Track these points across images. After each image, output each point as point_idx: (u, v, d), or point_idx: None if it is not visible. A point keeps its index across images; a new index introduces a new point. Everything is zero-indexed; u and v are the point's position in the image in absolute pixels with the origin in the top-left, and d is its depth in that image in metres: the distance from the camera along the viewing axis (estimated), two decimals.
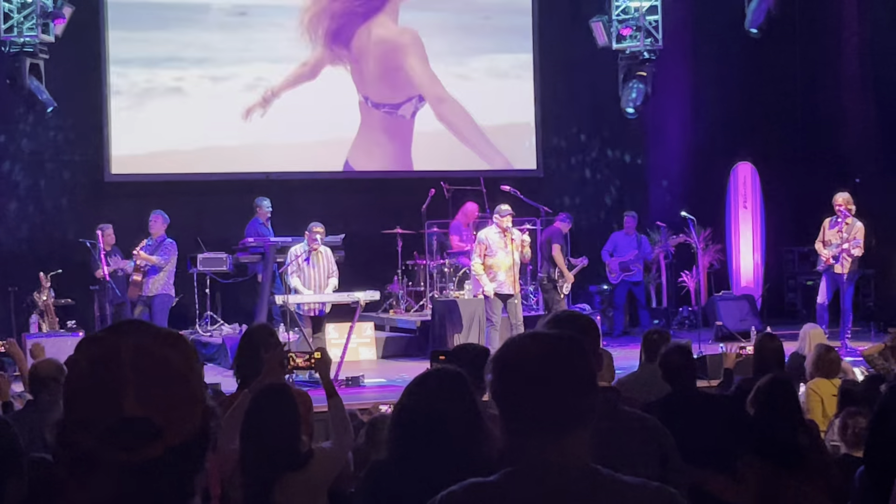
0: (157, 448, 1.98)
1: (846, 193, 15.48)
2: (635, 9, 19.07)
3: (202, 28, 18.89)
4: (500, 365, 2.72)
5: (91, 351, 2.06)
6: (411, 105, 19.75)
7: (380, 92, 19.62)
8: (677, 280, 19.41)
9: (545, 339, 2.77)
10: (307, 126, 19.19)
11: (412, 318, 17.15)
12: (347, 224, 17.05)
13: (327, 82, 19.34)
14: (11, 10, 16.63)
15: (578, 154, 20.68)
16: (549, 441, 2.62)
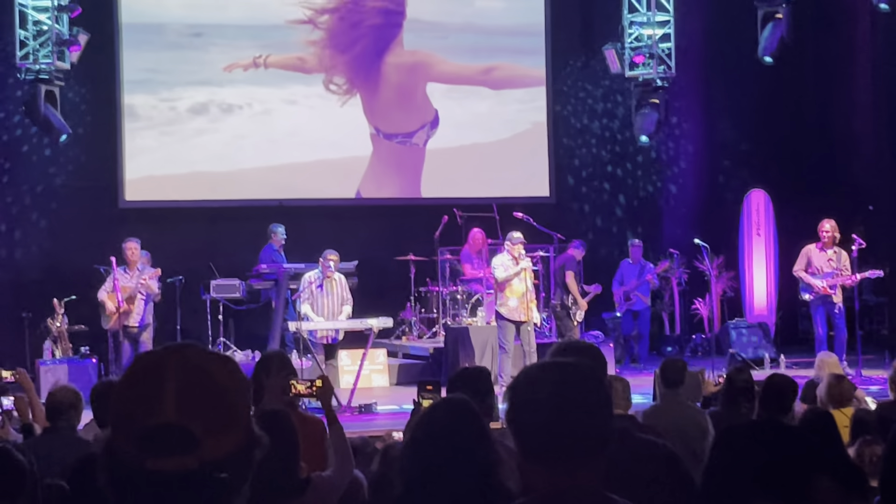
0: (192, 459, 1.98)
1: (833, 221, 15.45)
2: (648, 36, 19.09)
3: (218, 55, 18.94)
4: (516, 394, 2.72)
5: (143, 360, 2.11)
6: (424, 133, 19.79)
7: (392, 122, 19.67)
8: (690, 307, 19.38)
9: (561, 368, 2.77)
10: (320, 153, 19.24)
11: (425, 345, 17.13)
12: (360, 251, 17.06)
13: (339, 110, 19.39)
14: (27, 37, 16.71)
15: (591, 181, 20.67)
16: (564, 470, 2.62)
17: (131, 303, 14.65)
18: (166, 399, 2.00)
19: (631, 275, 18.20)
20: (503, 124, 20.23)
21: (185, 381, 2.03)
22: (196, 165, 18.82)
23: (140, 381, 2.05)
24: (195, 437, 1.99)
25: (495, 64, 20.17)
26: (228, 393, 2.06)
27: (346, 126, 19.36)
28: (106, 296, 14.73)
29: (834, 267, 15.26)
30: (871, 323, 19.19)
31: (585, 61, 20.32)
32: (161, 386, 2.01)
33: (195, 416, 2.00)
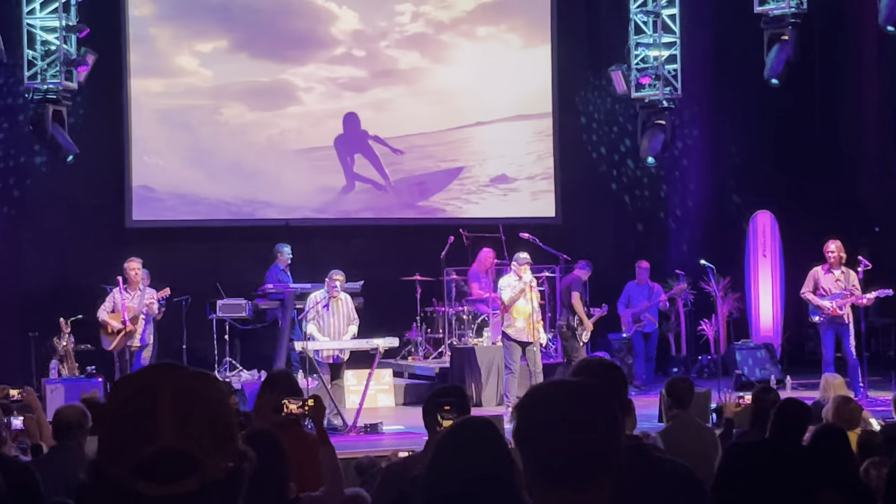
0: (193, 482, 1.96)
1: (838, 241, 15.42)
2: (654, 58, 19.14)
3: (225, 80, 19.00)
4: (524, 413, 2.73)
5: (129, 384, 2.05)
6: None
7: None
8: (696, 328, 19.36)
9: (569, 387, 2.78)
10: (328, 174, 19.29)
11: (431, 365, 17.14)
12: (366, 270, 17.07)
13: None
14: (35, 57, 16.78)
15: (597, 201, 20.67)
16: (573, 489, 2.62)
17: (135, 323, 14.66)
18: (162, 422, 1.95)
19: (639, 296, 18.12)
20: (510, 145, 20.26)
21: (179, 402, 1.98)
22: (203, 185, 18.84)
23: (132, 403, 2.00)
24: (196, 458, 1.96)
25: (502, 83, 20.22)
26: (220, 410, 2.03)
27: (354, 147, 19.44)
28: (107, 316, 14.71)
29: (842, 287, 15.21)
30: (877, 344, 19.17)
31: (591, 82, 20.36)
32: (154, 408, 1.96)
33: (193, 438, 1.96)
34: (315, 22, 19.46)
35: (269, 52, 19.20)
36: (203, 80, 18.88)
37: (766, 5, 18.02)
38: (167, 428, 1.96)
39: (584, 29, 20.77)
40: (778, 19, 17.94)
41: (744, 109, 20.83)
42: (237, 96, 19.01)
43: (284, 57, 19.32)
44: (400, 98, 19.77)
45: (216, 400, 2.04)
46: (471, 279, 17.69)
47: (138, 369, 2.14)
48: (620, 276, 18.55)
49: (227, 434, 2.03)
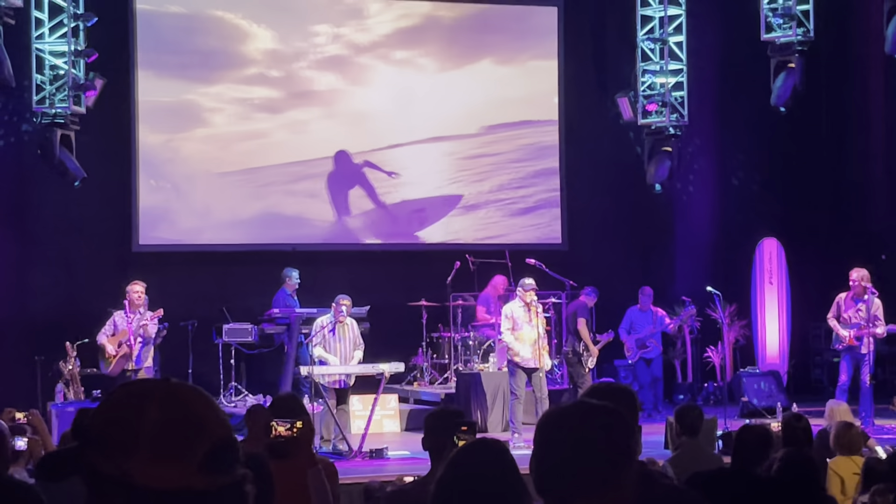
0: (243, 469, 2.02)
1: (864, 270, 15.37)
2: (661, 84, 19.16)
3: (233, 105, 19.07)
4: (538, 434, 2.76)
5: (124, 387, 2.09)
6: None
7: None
8: (703, 355, 19.34)
9: (585, 410, 2.80)
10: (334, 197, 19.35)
11: (436, 391, 17.12)
12: (372, 296, 17.07)
13: None
14: (44, 81, 16.83)
15: (604, 228, 20.67)
16: None
17: (129, 346, 14.66)
18: (207, 418, 2.02)
19: (642, 322, 18.02)
20: (517, 171, 20.30)
21: (169, 403, 2.02)
22: (210, 210, 18.88)
23: (123, 401, 2.04)
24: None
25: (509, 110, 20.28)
26: (205, 418, 2.06)
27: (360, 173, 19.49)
28: (106, 340, 14.69)
29: (862, 317, 15.17)
30: (883, 373, 19.12)
31: (598, 109, 20.39)
32: (145, 403, 2.01)
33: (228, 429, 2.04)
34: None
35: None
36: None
37: (772, 33, 18.06)
38: (213, 421, 2.03)
39: (591, 55, 20.82)
40: (784, 47, 17.98)
41: (750, 136, 20.85)
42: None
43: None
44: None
45: (206, 408, 2.07)
46: (479, 303, 17.70)
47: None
48: (626, 303, 18.52)
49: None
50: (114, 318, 14.78)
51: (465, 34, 20.18)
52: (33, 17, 16.73)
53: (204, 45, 19.00)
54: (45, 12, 16.83)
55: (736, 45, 20.16)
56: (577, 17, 20.52)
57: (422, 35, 19.99)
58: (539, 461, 2.74)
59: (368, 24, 19.79)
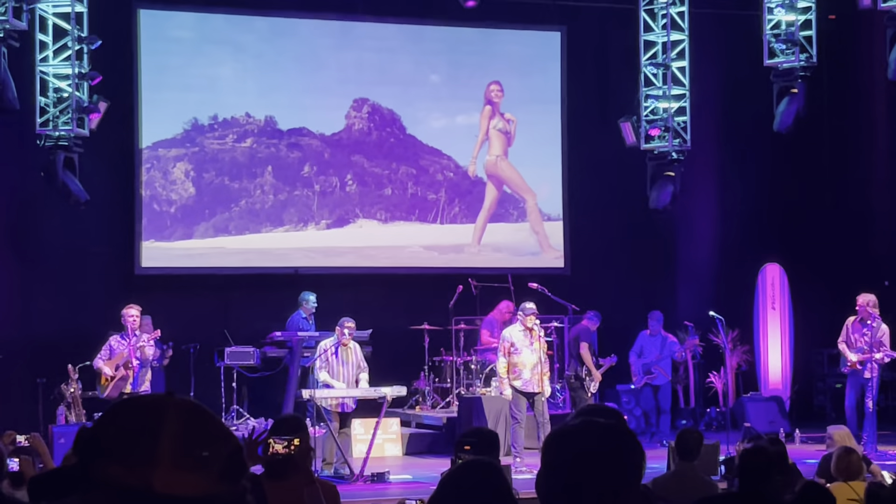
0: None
1: (870, 295, 15.39)
2: (664, 109, 19.17)
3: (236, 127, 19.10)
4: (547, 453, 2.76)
5: (131, 401, 2.12)
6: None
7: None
8: (705, 381, 19.31)
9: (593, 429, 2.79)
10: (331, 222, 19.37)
11: (438, 415, 17.10)
12: (375, 319, 17.06)
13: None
14: (48, 104, 16.84)
15: (606, 252, 20.67)
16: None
17: (127, 368, 14.63)
18: (217, 423, 2.08)
19: (651, 347, 17.90)
20: (519, 194, 20.33)
21: (185, 416, 2.07)
22: (213, 232, 18.89)
23: (136, 410, 2.08)
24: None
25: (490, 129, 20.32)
26: (224, 433, 2.11)
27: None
28: (102, 364, 14.65)
29: (867, 341, 15.20)
30: (887, 399, 19.09)
31: (601, 133, 20.40)
32: (161, 415, 2.04)
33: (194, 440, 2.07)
34: None
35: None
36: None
37: (775, 59, 18.08)
38: (227, 430, 2.10)
39: (594, 80, 20.85)
40: (787, 72, 18.00)
41: (753, 162, 20.86)
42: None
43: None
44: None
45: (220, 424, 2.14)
46: (484, 326, 17.70)
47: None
48: (629, 327, 18.51)
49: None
50: (109, 341, 14.74)
51: (468, 57, 20.23)
52: (37, 40, 16.76)
53: (207, 68, 19.04)
54: (49, 35, 16.85)
55: (739, 70, 20.19)
56: (580, 42, 20.58)
57: (424, 58, 20.03)
58: (546, 480, 2.74)
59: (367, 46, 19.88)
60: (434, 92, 20.21)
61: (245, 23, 19.32)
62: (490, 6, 18.87)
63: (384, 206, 19.81)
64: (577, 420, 3.00)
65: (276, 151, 19.33)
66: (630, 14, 19.51)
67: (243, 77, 19.29)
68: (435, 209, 20.03)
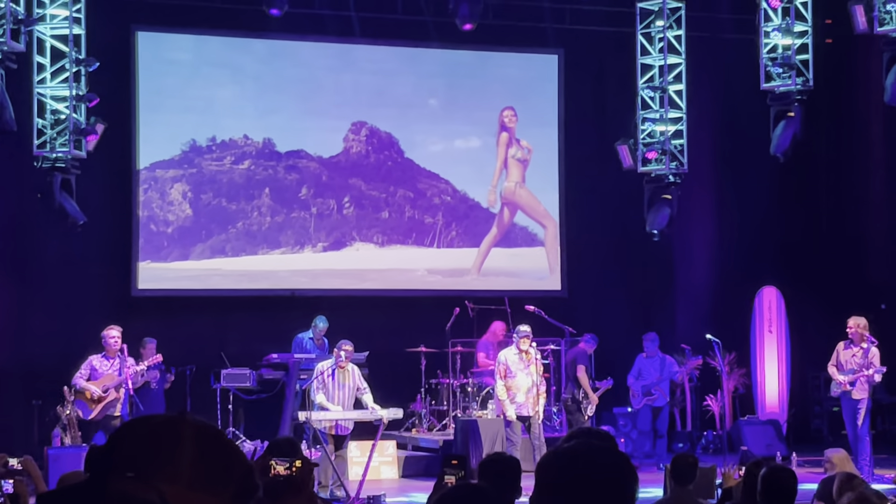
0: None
1: (862, 318, 15.41)
2: (661, 133, 19.21)
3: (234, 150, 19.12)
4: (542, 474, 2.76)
5: (146, 420, 2.14)
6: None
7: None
8: (702, 403, 19.28)
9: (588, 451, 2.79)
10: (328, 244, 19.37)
11: (435, 437, 17.07)
12: (371, 341, 17.04)
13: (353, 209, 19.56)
14: (45, 126, 16.86)
15: (603, 275, 20.67)
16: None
17: (118, 391, 14.62)
18: (235, 450, 2.11)
19: (649, 369, 17.82)
20: (517, 217, 20.34)
21: (202, 439, 2.08)
22: (209, 254, 18.89)
23: (218, 429, 2.13)
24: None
25: (509, 158, 20.34)
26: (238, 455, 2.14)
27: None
28: (85, 383, 14.59)
29: (857, 364, 15.22)
30: (883, 422, 19.08)
31: (598, 156, 20.42)
32: (178, 438, 2.06)
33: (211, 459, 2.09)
34: None
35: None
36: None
37: (772, 82, 18.13)
38: (240, 451, 2.13)
39: (591, 103, 20.88)
40: (784, 96, 18.05)
41: (750, 185, 20.87)
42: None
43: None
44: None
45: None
46: (479, 349, 17.68)
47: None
48: (626, 350, 18.49)
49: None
50: (90, 361, 14.72)
51: (466, 80, 20.26)
52: (35, 62, 16.80)
53: (205, 90, 19.06)
54: (47, 57, 16.90)
55: (735, 93, 20.23)
56: (577, 65, 20.62)
57: (422, 81, 20.07)
58: (539, 502, 2.73)
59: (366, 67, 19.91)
60: (432, 115, 20.23)
61: (243, 45, 19.36)
62: (488, 30, 18.93)
63: (381, 230, 19.82)
64: (572, 442, 2.99)
65: (274, 173, 19.35)
66: (627, 37, 19.58)
67: (241, 99, 19.32)
68: (432, 233, 20.04)
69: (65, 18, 16.82)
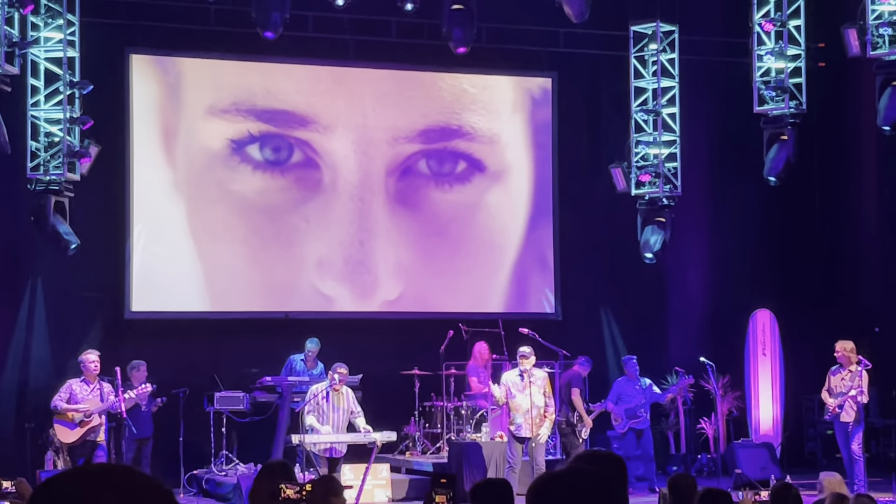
0: None
1: (849, 342, 15.44)
2: (654, 155, 19.25)
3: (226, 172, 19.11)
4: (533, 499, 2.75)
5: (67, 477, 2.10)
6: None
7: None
8: (696, 426, 19.27)
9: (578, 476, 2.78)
10: (326, 266, 19.35)
11: (428, 460, 17.03)
12: (365, 364, 17.03)
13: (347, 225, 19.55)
14: (39, 148, 16.85)
15: (597, 298, 20.68)
16: None
17: (100, 417, 14.59)
18: None
19: (630, 392, 17.72)
20: (510, 240, 20.34)
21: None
22: (203, 277, 18.86)
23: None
24: None
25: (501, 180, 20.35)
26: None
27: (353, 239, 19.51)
28: (66, 405, 14.54)
29: (846, 387, 15.24)
30: (877, 445, 19.06)
31: (592, 179, 20.46)
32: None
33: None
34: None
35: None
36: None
37: (765, 105, 18.18)
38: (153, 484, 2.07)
39: (585, 126, 20.92)
40: (777, 119, 18.10)
41: (743, 208, 20.90)
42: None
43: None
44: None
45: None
46: (469, 374, 17.65)
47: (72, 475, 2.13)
48: (619, 373, 18.49)
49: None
50: (70, 385, 14.68)
51: (458, 104, 20.27)
52: (29, 85, 16.81)
53: (198, 113, 19.05)
54: (41, 80, 16.91)
55: (729, 116, 20.29)
56: (571, 88, 20.65)
57: (414, 103, 20.08)
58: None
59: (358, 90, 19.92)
60: (425, 137, 20.20)
61: (238, 68, 19.34)
62: (481, 52, 18.97)
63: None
64: (566, 466, 2.99)
65: (270, 195, 19.31)
66: (621, 61, 19.63)
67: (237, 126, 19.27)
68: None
69: (59, 41, 16.83)
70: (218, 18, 18.62)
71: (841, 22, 16.91)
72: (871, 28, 16.31)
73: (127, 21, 18.31)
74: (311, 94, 19.63)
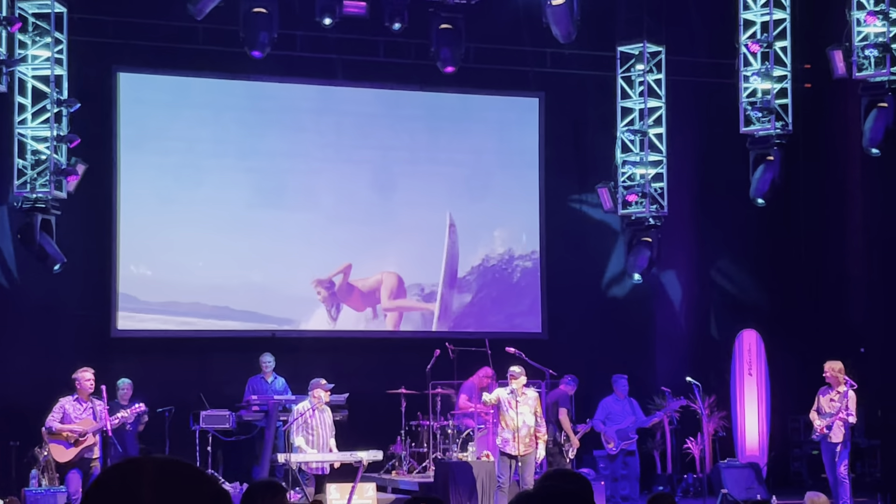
0: None
1: (837, 362, 15.46)
2: (641, 175, 19.30)
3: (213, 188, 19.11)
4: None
5: (113, 471, 2.13)
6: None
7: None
8: (682, 446, 19.26)
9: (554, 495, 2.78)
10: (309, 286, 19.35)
11: (414, 480, 17.00)
12: (352, 383, 17.01)
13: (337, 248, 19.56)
14: (25, 166, 16.83)
15: (583, 317, 20.68)
16: None
17: (94, 436, 14.54)
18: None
19: (620, 412, 17.74)
20: (496, 259, 20.35)
21: (165, 487, 2.08)
22: (189, 295, 18.84)
23: (114, 486, 2.10)
24: None
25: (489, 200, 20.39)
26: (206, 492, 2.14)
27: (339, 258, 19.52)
28: (60, 425, 14.45)
29: (835, 407, 15.27)
30: (863, 466, 19.08)
31: (578, 199, 20.50)
32: (139, 490, 2.06)
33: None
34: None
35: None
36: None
37: (751, 126, 18.23)
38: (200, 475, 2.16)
39: (572, 146, 20.96)
40: (763, 140, 18.15)
41: (729, 228, 20.95)
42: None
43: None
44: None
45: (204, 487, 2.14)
46: (462, 391, 17.61)
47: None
48: (605, 393, 18.48)
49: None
50: (62, 404, 14.52)
51: (446, 123, 20.32)
52: (16, 103, 16.80)
53: (187, 131, 19.06)
54: (29, 98, 16.90)
55: (715, 137, 20.35)
56: (558, 108, 20.70)
57: (402, 123, 20.12)
58: None
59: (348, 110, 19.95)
60: (413, 156, 20.24)
61: (225, 87, 19.36)
62: (469, 72, 19.01)
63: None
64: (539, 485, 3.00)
65: (257, 214, 19.32)
66: (607, 81, 19.70)
67: (223, 140, 19.28)
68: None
69: (46, 59, 16.83)
70: (206, 38, 18.63)
71: (827, 43, 17.00)
72: (857, 49, 16.40)
73: (115, 40, 18.32)
74: (298, 112, 19.65)
